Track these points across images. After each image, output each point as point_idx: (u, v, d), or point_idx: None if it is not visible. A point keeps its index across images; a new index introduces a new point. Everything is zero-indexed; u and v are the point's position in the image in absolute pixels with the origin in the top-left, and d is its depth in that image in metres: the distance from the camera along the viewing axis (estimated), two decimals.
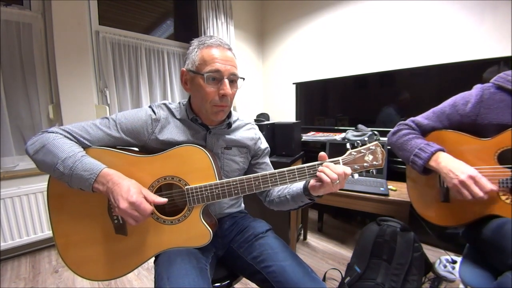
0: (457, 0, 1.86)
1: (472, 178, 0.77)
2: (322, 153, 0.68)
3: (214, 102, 0.73)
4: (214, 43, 0.73)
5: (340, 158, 0.69)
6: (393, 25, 2.19)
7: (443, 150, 0.88)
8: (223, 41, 0.75)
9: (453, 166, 0.82)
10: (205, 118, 0.79)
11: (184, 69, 0.77)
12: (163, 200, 0.67)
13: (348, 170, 0.66)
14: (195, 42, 0.76)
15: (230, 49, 0.76)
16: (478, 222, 0.85)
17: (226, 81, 0.71)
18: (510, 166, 0.77)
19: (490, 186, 0.76)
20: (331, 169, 0.64)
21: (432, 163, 0.88)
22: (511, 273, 0.66)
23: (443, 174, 0.84)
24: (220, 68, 0.70)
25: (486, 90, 0.87)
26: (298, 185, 0.78)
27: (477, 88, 0.90)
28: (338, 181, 0.64)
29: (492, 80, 0.88)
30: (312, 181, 0.70)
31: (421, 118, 0.99)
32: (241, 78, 0.77)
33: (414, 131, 0.99)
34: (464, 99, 0.90)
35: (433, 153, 0.87)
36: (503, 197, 0.81)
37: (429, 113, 0.99)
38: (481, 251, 0.86)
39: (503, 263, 0.71)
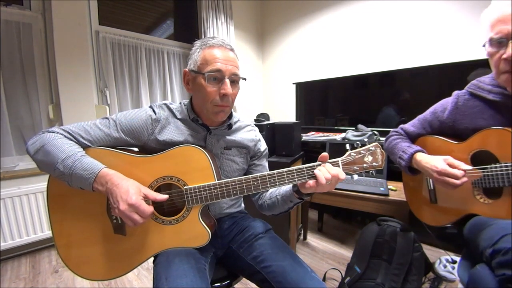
0: (457, 0, 1.86)
1: (441, 173, 0.80)
2: (324, 154, 0.68)
3: (215, 102, 0.73)
4: (216, 44, 0.73)
5: (339, 159, 0.68)
6: (393, 25, 2.19)
7: (421, 151, 0.93)
8: (226, 42, 0.76)
9: (427, 165, 0.86)
10: (206, 118, 0.79)
11: (187, 69, 0.77)
12: (164, 197, 0.67)
13: (342, 175, 0.64)
14: (197, 42, 0.76)
15: (232, 50, 0.76)
16: (461, 222, 0.88)
17: (227, 81, 0.72)
18: (481, 167, 0.80)
19: (460, 171, 0.77)
20: (327, 169, 0.64)
21: (413, 164, 0.93)
22: (480, 266, 0.71)
23: (425, 173, 0.89)
24: (222, 68, 0.71)
25: (461, 97, 0.90)
26: (289, 185, 0.78)
27: (453, 95, 0.94)
28: (330, 182, 0.64)
29: (466, 87, 0.91)
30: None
31: (408, 126, 1.06)
32: (243, 78, 0.78)
33: (402, 136, 1.05)
34: (443, 106, 0.95)
35: (412, 154, 0.93)
36: (477, 197, 0.84)
37: (415, 120, 1.05)
38: (466, 249, 0.90)
39: (477, 257, 0.74)
